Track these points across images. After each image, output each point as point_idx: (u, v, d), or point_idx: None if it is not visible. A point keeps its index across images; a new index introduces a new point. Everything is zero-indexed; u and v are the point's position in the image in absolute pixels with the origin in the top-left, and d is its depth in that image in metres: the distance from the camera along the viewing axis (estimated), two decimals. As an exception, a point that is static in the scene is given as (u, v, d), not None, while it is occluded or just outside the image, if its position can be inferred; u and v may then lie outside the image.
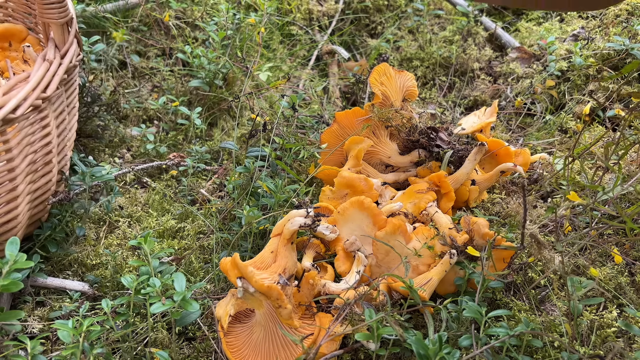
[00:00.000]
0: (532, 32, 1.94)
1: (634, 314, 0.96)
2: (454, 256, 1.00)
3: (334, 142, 1.33)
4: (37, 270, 1.10)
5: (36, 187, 1.08)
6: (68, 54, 1.10)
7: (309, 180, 1.30)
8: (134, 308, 0.95)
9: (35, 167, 1.06)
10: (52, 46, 1.10)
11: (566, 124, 1.55)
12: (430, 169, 1.30)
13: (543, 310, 1.04)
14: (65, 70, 1.08)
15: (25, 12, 1.42)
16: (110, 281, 1.11)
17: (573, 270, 1.10)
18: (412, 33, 2.02)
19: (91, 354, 0.84)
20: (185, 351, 0.99)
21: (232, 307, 0.94)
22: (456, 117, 1.64)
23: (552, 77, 1.69)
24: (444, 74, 1.84)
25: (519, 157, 1.33)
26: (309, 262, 1.04)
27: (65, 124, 1.16)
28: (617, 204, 1.17)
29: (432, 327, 0.88)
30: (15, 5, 1.42)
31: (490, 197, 1.33)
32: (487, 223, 1.03)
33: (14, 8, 1.43)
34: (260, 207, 1.19)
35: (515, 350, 0.88)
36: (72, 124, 1.23)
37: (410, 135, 1.32)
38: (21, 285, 0.89)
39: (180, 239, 1.24)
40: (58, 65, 1.07)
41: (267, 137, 1.52)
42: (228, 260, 0.93)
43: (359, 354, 0.96)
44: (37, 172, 1.07)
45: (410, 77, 1.39)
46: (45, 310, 1.06)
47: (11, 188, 1.00)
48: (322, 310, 0.98)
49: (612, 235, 1.21)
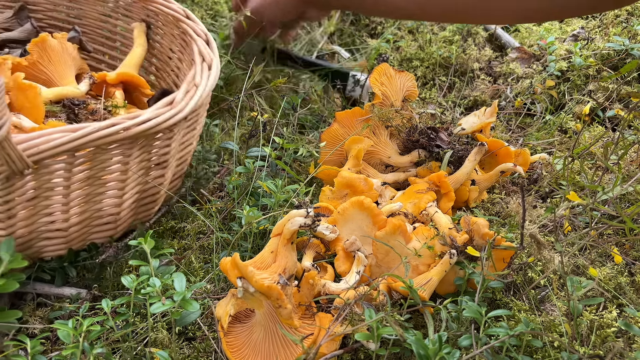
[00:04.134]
0: (532, 32, 1.94)
1: (633, 314, 0.96)
2: (454, 256, 1.00)
3: (334, 142, 1.33)
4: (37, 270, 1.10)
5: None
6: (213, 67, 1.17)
7: (309, 180, 1.30)
8: (134, 308, 0.95)
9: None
10: (200, 61, 1.17)
11: (566, 124, 1.55)
12: (430, 169, 1.30)
13: (543, 310, 1.04)
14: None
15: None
16: (110, 281, 1.11)
17: (573, 270, 1.10)
18: (412, 33, 2.02)
19: (91, 354, 0.84)
20: (185, 351, 0.99)
21: (232, 307, 0.94)
22: (456, 117, 1.64)
23: (552, 77, 1.69)
24: (444, 74, 1.84)
25: (519, 157, 1.33)
26: (309, 262, 1.04)
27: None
28: (617, 204, 1.17)
29: (432, 327, 0.88)
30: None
31: (490, 197, 1.33)
32: (487, 223, 1.03)
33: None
34: (260, 207, 1.19)
35: (515, 350, 0.88)
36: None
37: (410, 135, 1.32)
38: (16, 285, 0.89)
39: (180, 239, 1.24)
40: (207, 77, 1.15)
41: (268, 137, 1.52)
42: (228, 260, 0.93)
43: (359, 354, 0.96)
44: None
45: (410, 77, 1.39)
46: (46, 310, 1.06)
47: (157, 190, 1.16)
48: (322, 310, 0.98)
49: (612, 235, 1.21)
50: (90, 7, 1.50)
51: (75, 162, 0.97)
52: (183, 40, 1.30)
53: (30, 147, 0.88)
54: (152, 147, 1.06)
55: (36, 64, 1.27)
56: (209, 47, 1.21)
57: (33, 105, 1.13)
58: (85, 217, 1.06)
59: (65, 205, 1.02)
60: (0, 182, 0.90)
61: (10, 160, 0.86)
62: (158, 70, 1.44)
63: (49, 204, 1.00)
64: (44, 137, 0.90)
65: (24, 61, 1.25)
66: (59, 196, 1.00)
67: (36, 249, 1.05)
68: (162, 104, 1.02)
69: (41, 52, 1.26)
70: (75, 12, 1.51)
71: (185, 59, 1.31)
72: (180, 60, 1.34)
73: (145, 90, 1.33)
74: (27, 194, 0.96)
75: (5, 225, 0.96)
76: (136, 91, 1.36)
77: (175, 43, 1.34)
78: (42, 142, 0.89)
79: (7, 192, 0.92)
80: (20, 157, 0.87)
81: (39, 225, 1.02)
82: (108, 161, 1.02)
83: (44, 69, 1.28)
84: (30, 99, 1.13)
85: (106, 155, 1.01)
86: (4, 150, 0.84)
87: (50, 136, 0.90)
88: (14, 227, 0.98)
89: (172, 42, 1.36)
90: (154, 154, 1.07)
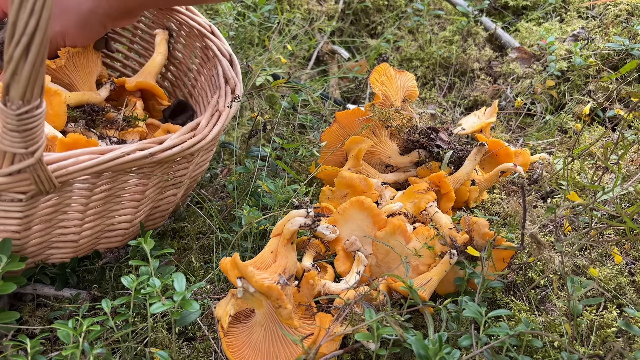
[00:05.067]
0: (532, 32, 1.94)
1: (633, 314, 0.96)
2: (454, 256, 1.00)
3: (334, 142, 1.33)
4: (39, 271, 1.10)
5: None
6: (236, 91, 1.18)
7: (309, 180, 1.30)
8: (134, 308, 0.95)
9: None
10: (223, 84, 1.18)
11: (566, 124, 1.55)
12: (430, 169, 1.30)
13: (543, 310, 1.04)
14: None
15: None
16: (110, 282, 1.11)
17: (573, 270, 1.10)
18: (412, 33, 2.02)
19: (91, 354, 0.84)
20: (185, 351, 0.99)
21: (232, 307, 0.94)
22: (456, 117, 1.64)
23: (552, 77, 1.69)
24: (444, 74, 1.84)
25: (519, 157, 1.33)
26: (309, 262, 1.04)
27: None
28: (617, 204, 1.17)
29: (432, 327, 0.88)
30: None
31: (490, 197, 1.33)
32: (487, 223, 1.03)
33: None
34: (260, 207, 1.19)
35: (515, 350, 0.88)
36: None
37: (410, 136, 1.32)
38: (14, 287, 0.90)
39: (180, 239, 1.24)
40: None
41: (268, 137, 1.52)
42: (228, 260, 0.93)
43: (359, 354, 0.96)
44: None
45: (410, 77, 1.39)
46: (46, 310, 1.06)
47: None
48: (322, 310, 0.98)
49: (612, 235, 1.21)
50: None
51: (97, 182, 0.98)
52: (205, 54, 1.30)
53: (59, 168, 0.89)
54: (171, 169, 1.08)
55: (62, 69, 1.26)
56: (232, 68, 1.21)
57: (56, 112, 1.12)
58: (96, 231, 1.07)
59: (80, 220, 1.02)
60: (24, 199, 0.90)
61: (39, 180, 0.86)
62: (175, 78, 1.44)
63: (65, 218, 1.01)
64: (73, 158, 0.90)
65: (52, 64, 1.24)
66: (75, 212, 1.01)
67: (44, 256, 1.05)
68: (186, 129, 1.03)
69: (69, 57, 1.26)
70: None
71: (205, 73, 1.30)
72: (199, 73, 1.34)
73: (162, 100, 1.33)
74: (47, 209, 0.97)
75: (21, 236, 0.96)
76: (153, 99, 1.36)
77: (197, 56, 1.34)
78: (71, 163, 0.89)
79: (29, 208, 0.93)
80: (49, 178, 0.87)
81: (52, 236, 1.02)
82: (127, 182, 1.03)
83: (69, 74, 1.27)
84: (54, 106, 1.12)
85: (127, 177, 1.02)
86: (35, 172, 0.84)
87: (79, 158, 0.91)
88: (29, 239, 0.99)
89: (193, 54, 1.35)
90: (171, 175, 1.08)
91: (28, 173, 0.84)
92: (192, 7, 1.37)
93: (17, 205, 0.91)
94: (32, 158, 0.81)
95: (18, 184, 0.86)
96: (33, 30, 0.68)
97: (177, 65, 1.42)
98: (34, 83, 0.73)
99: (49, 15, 0.68)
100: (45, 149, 0.87)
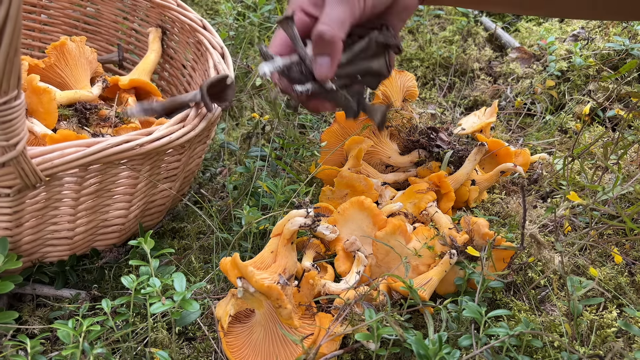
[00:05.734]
0: (532, 32, 1.94)
1: (633, 314, 0.96)
2: (454, 256, 1.00)
3: (334, 142, 1.33)
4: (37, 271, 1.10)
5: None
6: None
7: (309, 180, 1.30)
8: (134, 308, 0.95)
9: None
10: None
11: (566, 124, 1.55)
12: (430, 169, 1.30)
13: (543, 310, 1.04)
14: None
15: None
16: (109, 282, 1.11)
17: (573, 270, 1.10)
18: (412, 33, 2.02)
19: (91, 354, 0.84)
20: (185, 351, 0.99)
21: (232, 307, 0.94)
22: (456, 117, 1.64)
23: (552, 77, 1.69)
24: (444, 74, 1.84)
25: (519, 157, 1.33)
26: (309, 262, 1.04)
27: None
28: (617, 204, 1.18)
29: (432, 327, 0.88)
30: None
31: (490, 197, 1.33)
32: (487, 223, 1.03)
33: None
34: (260, 207, 1.19)
35: (515, 350, 0.88)
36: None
37: (410, 136, 1.32)
38: (12, 286, 0.90)
39: (180, 239, 1.24)
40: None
41: (268, 137, 1.52)
42: (228, 260, 0.93)
43: (359, 354, 0.96)
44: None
45: (410, 77, 1.39)
46: (46, 310, 1.06)
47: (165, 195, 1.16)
48: (322, 310, 0.98)
49: (612, 235, 1.21)
50: (107, 7, 1.50)
51: (86, 175, 0.97)
52: (198, 49, 1.30)
53: (44, 161, 0.88)
54: (162, 161, 1.07)
55: (53, 67, 1.25)
56: (224, 60, 1.20)
57: (46, 110, 1.12)
58: (91, 227, 1.06)
59: (72, 216, 1.02)
60: (11, 194, 0.89)
61: (24, 174, 0.86)
62: (170, 76, 1.44)
63: (57, 214, 1.00)
64: (58, 151, 0.89)
65: (41, 63, 1.24)
66: (67, 207, 1.00)
67: (40, 254, 1.05)
68: (175, 120, 1.02)
69: (59, 55, 1.25)
70: (92, 11, 1.50)
71: (199, 69, 1.30)
72: (193, 69, 1.33)
73: (156, 97, 1.33)
74: (37, 204, 0.96)
75: (13, 233, 0.96)
76: (147, 97, 1.36)
77: (190, 52, 1.34)
78: (56, 156, 0.89)
79: (18, 203, 0.92)
80: (34, 171, 0.87)
81: (46, 233, 1.02)
82: (118, 175, 1.02)
83: (60, 72, 1.27)
84: (44, 104, 1.12)
85: (117, 169, 1.01)
86: (19, 165, 0.84)
87: (64, 150, 0.90)
88: (21, 235, 0.98)
89: (187, 51, 1.35)
90: (163, 168, 1.07)
91: (12, 166, 0.84)
92: (183, 3, 1.37)
93: (4, 200, 0.90)
94: (14, 151, 0.81)
95: (2, 178, 0.86)
96: (3, 19, 0.66)
97: (172, 63, 1.42)
98: (9, 74, 0.72)
99: (19, 5, 0.67)
100: (38, 146, 0.87)
